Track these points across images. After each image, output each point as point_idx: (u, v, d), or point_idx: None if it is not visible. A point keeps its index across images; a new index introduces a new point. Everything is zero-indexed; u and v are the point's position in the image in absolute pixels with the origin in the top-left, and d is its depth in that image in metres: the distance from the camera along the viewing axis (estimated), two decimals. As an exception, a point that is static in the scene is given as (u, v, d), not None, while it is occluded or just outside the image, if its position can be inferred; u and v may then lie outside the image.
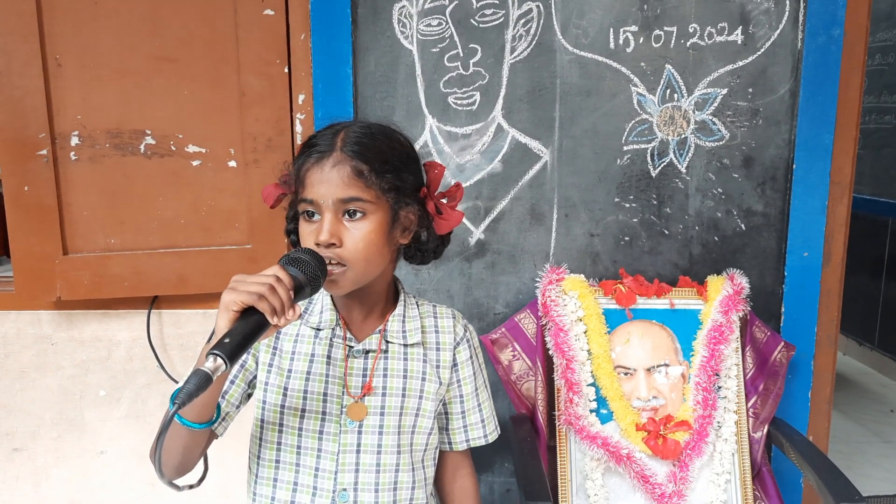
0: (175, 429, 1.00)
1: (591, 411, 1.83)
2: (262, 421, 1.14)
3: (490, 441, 1.27)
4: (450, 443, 1.25)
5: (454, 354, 1.20)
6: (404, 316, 1.17)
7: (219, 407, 1.06)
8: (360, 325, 1.16)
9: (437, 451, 1.23)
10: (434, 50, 1.89)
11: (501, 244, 1.99)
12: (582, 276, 1.92)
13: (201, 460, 1.10)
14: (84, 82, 1.79)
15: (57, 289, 1.84)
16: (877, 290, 4.27)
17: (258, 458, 1.15)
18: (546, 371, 1.87)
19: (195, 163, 1.87)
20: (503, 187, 1.96)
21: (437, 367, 1.18)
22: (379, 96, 1.91)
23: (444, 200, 1.14)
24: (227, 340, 0.89)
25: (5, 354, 1.97)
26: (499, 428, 1.29)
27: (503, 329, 1.94)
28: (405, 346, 1.15)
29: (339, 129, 1.07)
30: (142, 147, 1.84)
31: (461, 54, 1.89)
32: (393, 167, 1.06)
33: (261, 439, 1.14)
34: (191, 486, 1.02)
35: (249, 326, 0.91)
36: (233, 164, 1.88)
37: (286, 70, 1.87)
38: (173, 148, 1.85)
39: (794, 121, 1.93)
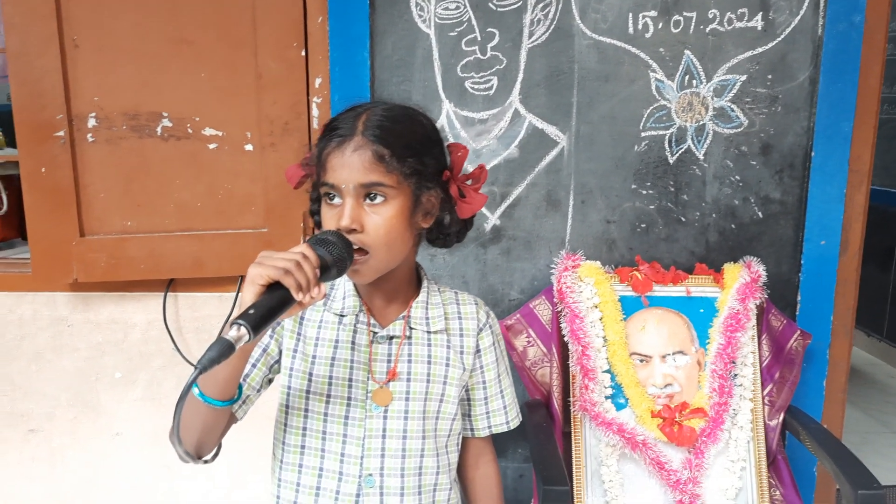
0: (196, 406, 1.00)
1: (607, 398, 1.83)
2: (287, 406, 1.14)
3: (512, 427, 1.26)
4: (472, 429, 1.25)
5: (477, 341, 1.20)
6: (427, 302, 1.17)
7: (240, 387, 1.06)
8: (383, 311, 1.15)
9: (461, 436, 1.23)
10: (452, 34, 1.88)
11: (517, 230, 1.98)
12: (598, 262, 1.91)
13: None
14: (101, 64, 1.78)
15: (73, 271, 1.84)
16: (886, 281, 4.26)
17: (283, 443, 1.15)
18: (561, 357, 1.87)
19: (212, 146, 1.86)
20: (519, 173, 1.95)
21: (461, 353, 1.18)
22: (396, 80, 1.91)
23: (469, 182, 1.13)
24: (251, 311, 0.89)
25: (21, 336, 1.98)
26: (520, 414, 1.29)
27: (518, 315, 1.93)
28: (429, 332, 1.15)
29: (361, 112, 1.06)
30: (158, 129, 1.84)
31: (479, 38, 1.88)
32: (415, 151, 1.05)
33: (286, 425, 1.14)
34: (205, 461, 1.03)
35: (274, 300, 0.91)
36: (249, 147, 1.88)
37: (303, 53, 1.86)
38: (190, 131, 1.85)
39: (814, 108, 1.92)
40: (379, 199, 1.03)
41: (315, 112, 1.90)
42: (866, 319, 4.39)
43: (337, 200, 1.04)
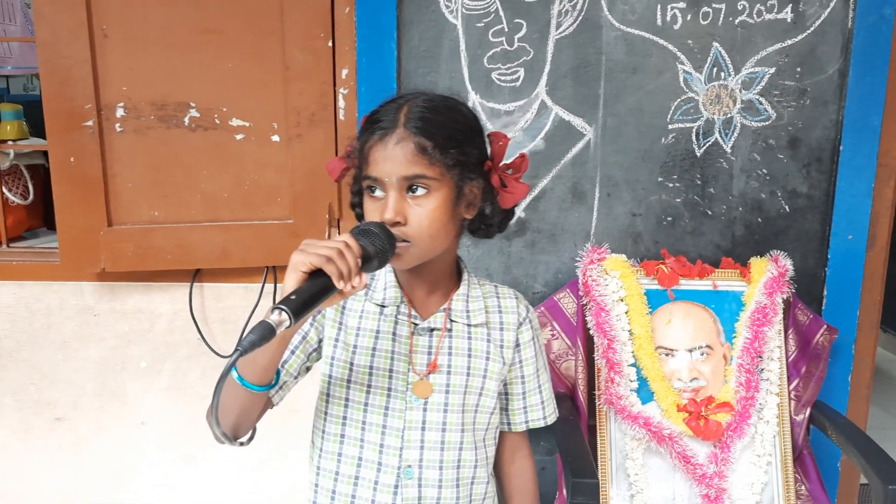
0: (234, 389, 1.01)
1: (632, 391, 1.83)
2: (328, 395, 1.14)
3: (549, 423, 1.26)
4: (509, 423, 1.24)
5: (517, 335, 1.19)
6: (468, 295, 1.16)
7: (278, 373, 1.07)
8: (424, 303, 1.15)
9: (498, 430, 1.23)
10: (479, 25, 1.87)
11: (542, 223, 1.98)
12: (623, 255, 1.91)
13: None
14: (130, 53, 1.79)
15: (101, 260, 1.85)
16: (900, 276, 4.23)
17: (323, 432, 1.15)
18: (586, 351, 1.86)
19: (238, 136, 1.86)
20: (545, 165, 1.94)
21: (501, 347, 1.17)
22: (422, 71, 1.90)
23: (510, 172, 1.13)
24: (293, 297, 0.89)
25: (48, 325, 1.99)
26: (557, 410, 1.28)
27: (542, 308, 1.93)
28: (469, 325, 1.15)
29: (403, 104, 1.06)
30: (186, 120, 1.84)
31: (506, 29, 1.87)
32: (457, 142, 1.04)
33: (326, 413, 1.15)
34: (241, 443, 1.04)
35: (316, 287, 0.91)
36: (276, 138, 1.88)
37: (330, 44, 1.85)
38: (217, 121, 1.85)
39: (843, 101, 1.91)
40: (422, 192, 1.02)
41: (341, 103, 1.89)
42: (884, 316, 4.35)
43: (379, 193, 1.04)
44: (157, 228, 1.87)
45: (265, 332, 0.85)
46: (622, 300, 1.85)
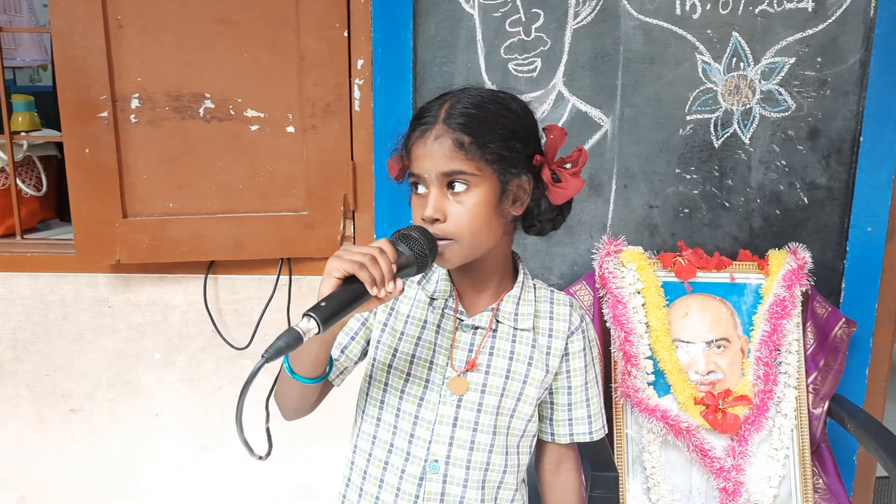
0: (288, 380, 1.06)
1: (649, 384, 1.82)
2: (371, 377, 1.15)
3: (595, 439, 1.22)
4: (553, 434, 1.21)
5: (567, 343, 1.15)
6: (519, 298, 1.13)
7: (331, 362, 1.09)
8: (473, 300, 1.13)
9: (535, 439, 1.20)
10: (496, 14, 1.85)
11: (558, 214, 1.96)
12: (640, 248, 1.89)
13: (266, 435, 1.09)
14: (145, 44, 1.77)
15: (116, 252, 1.84)
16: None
17: (363, 412, 1.17)
18: (603, 343, 1.85)
19: (253, 127, 1.85)
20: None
21: (547, 353, 1.14)
22: (438, 61, 1.88)
23: (568, 166, 1.09)
24: (323, 304, 0.90)
25: (63, 316, 1.99)
26: (606, 426, 1.23)
27: (558, 300, 1.92)
28: (516, 328, 1.13)
29: (447, 100, 1.05)
30: (201, 111, 1.83)
31: (523, 19, 1.85)
32: (499, 136, 1.02)
33: (368, 395, 1.16)
34: (260, 458, 1.02)
35: (348, 294, 0.92)
36: (291, 129, 1.87)
37: (345, 34, 1.84)
38: (232, 112, 1.84)
39: (864, 92, 1.88)
40: (461, 188, 1.01)
41: (357, 94, 1.88)
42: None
43: (422, 190, 1.04)
44: (172, 220, 1.86)
45: (292, 341, 0.86)
46: (639, 292, 1.84)
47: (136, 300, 1.99)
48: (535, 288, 1.17)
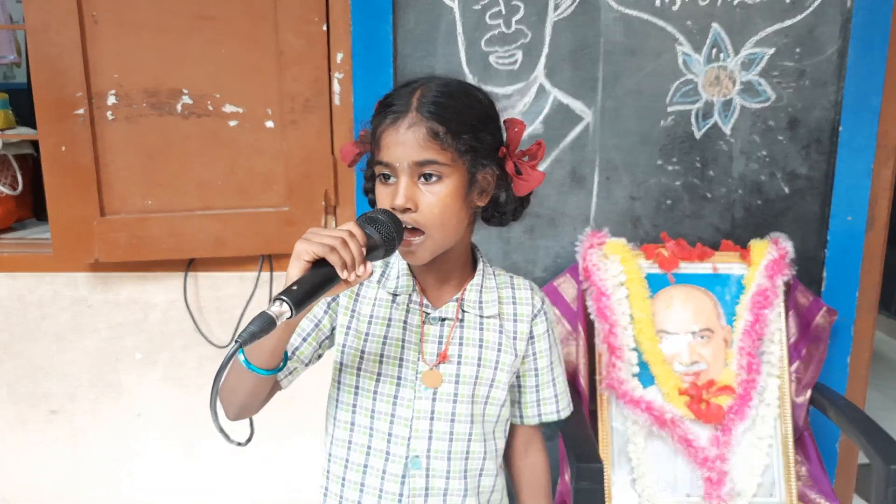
0: (241, 371, 1.01)
1: (634, 376, 1.82)
2: (339, 383, 1.13)
3: (562, 417, 1.23)
4: (521, 416, 1.22)
5: (531, 327, 1.16)
6: (482, 286, 1.14)
7: (286, 356, 1.06)
8: (437, 292, 1.13)
9: (509, 423, 1.21)
10: (476, 7, 1.84)
11: (541, 207, 1.96)
12: (623, 239, 1.89)
13: (248, 421, 1.09)
14: (121, 40, 1.75)
15: (94, 251, 1.82)
16: (894, 258, 4.25)
17: (335, 419, 1.14)
18: (587, 335, 1.86)
19: (232, 123, 1.84)
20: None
21: (514, 338, 1.15)
22: (419, 55, 1.87)
23: (525, 159, 1.10)
24: (294, 288, 0.88)
25: (42, 317, 1.96)
26: (571, 404, 1.26)
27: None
28: (482, 316, 1.13)
29: (416, 87, 1.03)
30: (178, 107, 1.81)
31: (503, 11, 1.85)
32: (470, 127, 1.02)
33: (337, 401, 1.14)
34: (238, 444, 1.01)
35: (319, 277, 0.90)
36: (270, 124, 1.85)
37: (324, 28, 1.82)
38: (210, 108, 1.82)
39: (842, 82, 1.90)
40: (433, 178, 1.00)
41: (336, 88, 1.87)
42: (881, 299, 4.38)
43: (391, 179, 1.02)
44: (151, 218, 1.84)
45: (265, 325, 0.84)
46: (622, 284, 1.84)
47: (115, 299, 1.97)
48: (494, 275, 1.17)
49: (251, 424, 1.10)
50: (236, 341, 0.84)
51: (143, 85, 1.78)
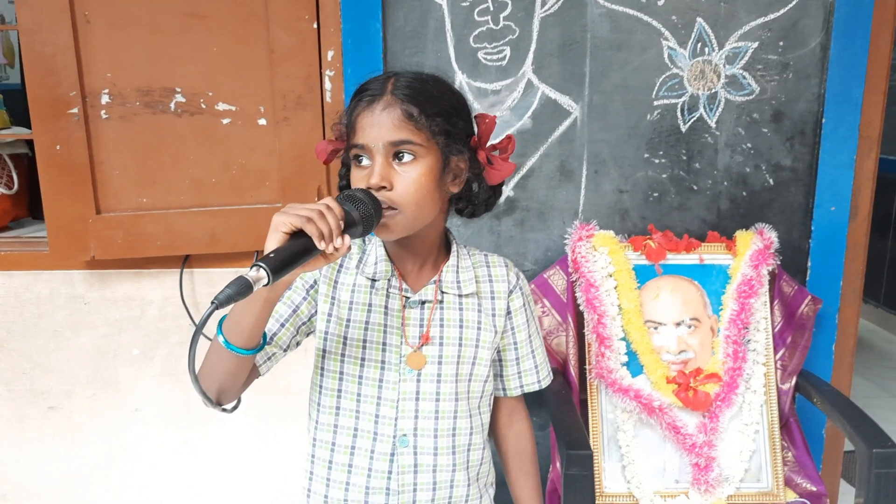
0: (219, 352, 1.02)
1: (622, 365, 1.85)
2: (322, 369, 1.16)
3: (543, 386, 1.29)
4: (504, 389, 1.27)
5: (508, 302, 1.21)
6: (458, 266, 1.18)
7: (265, 337, 1.06)
8: (415, 276, 1.17)
9: (492, 397, 1.26)
10: (464, 4, 1.87)
11: (531, 201, 1.99)
12: (611, 232, 1.93)
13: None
14: (113, 39, 1.77)
15: (90, 248, 1.84)
16: (883, 247, 4.30)
17: (318, 404, 1.17)
18: (577, 326, 1.89)
19: (225, 121, 1.86)
20: (533, 144, 1.96)
21: (493, 315, 1.19)
22: (408, 52, 1.90)
23: (496, 153, 1.14)
24: (272, 255, 0.89)
25: (39, 314, 1.98)
26: (552, 374, 1.31)
27: (532, 285, 1.95)
28: (460, 296, 1.17)
29: (391, 76, 1.08)
30: (172, 105, 1.83)
31: (491, 8, 1.87)
32: (443, 111, 1.06)
33: (321, 386, 1.17)
34: (224, 410, 1.04)
35: (297, 247, 0.92)
36: (263, 122, 1.87)
37: (315, 26, 1.85)
38: (203, 106, 1.84)
39: (825, 74, 1.93)
40: (408, 158, 1.04)
41: (328, 85, 1.89)
42: (865, 286, 4.43)
43: (366, 162, 1.06)
44: (146, 215, 1.86)
45: (241, 287, 0.85)
46: (611, 276, 1.88)
47: (112, 296, 1.99)
48: (469, 254, 1.21)
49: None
50: (213, 303, 0.84)
51: (136, 84, 1.80)
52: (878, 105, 1.93)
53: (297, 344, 1.18)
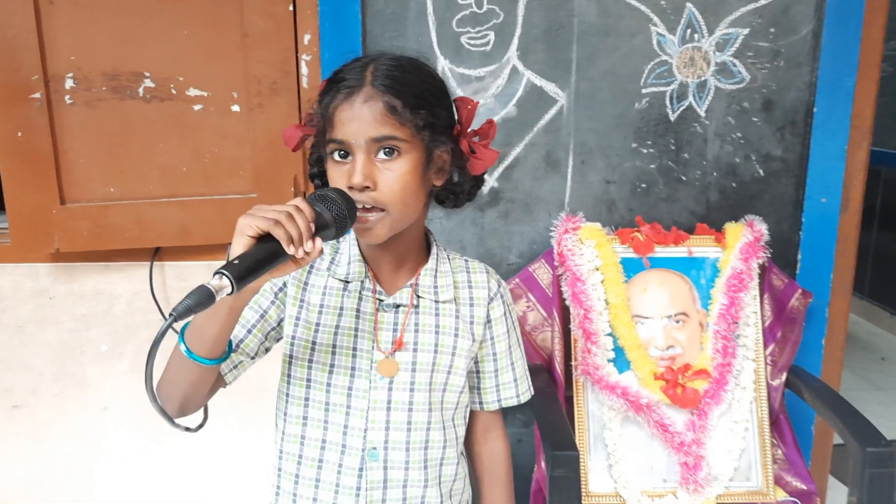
0: (182, 362, 0.94)
1: (609, 361, 1.80)
2: (289, 376, 1.09)
3: (522, 401, 1.21)
4: (481, 402, 1.19)
5: (488, 310, 1.14)
6: (436, 270, 1.11)
7: (230, 346, 0.99)
8: (391, 278, 1.09)
9: (468, 409, 1.18)
10: (446, -13, 1.80)
11: (515, 192, 1.93)
12: (598, 224, 1.87)
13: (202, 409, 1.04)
14: (78, 21, 1.69)
15: (55, 240, 1.76)
16: (867, 239, 4.29)
17: (285, 414, 1.10)
18: (563, 321, 1.83)
19: (196, 107, 1.78)
20: (518, 133, 1.89)
21: (471, 323, 1.12)
22: (388, 35, 1.83)
23: (477, 139, 1.07)
24: (236, 262, 0.82)
25: (2, 309, 1.90)
26: (532, 388, 1.23)
27: (517, 279, 1.90)
28: (437, 301, 1.09)
29: (368, 62, 0.99)
30: (140, 90, 1.75)
31: (475, -8, 1.81)
32: (426, 102, 0.99)
33: (287, 395, 1.09)
34: (187, 429, 0.96)
35: (263, 252, 0.85)
36: (236, 108, 1.80)
37: (291, 8, 1.77)
38: (174, 91, 1.76)
39: (816, 62, 1.88)
40: (391, 154, 0.97)
41: (304, 70, 1.82)
42: (855, 281, 4.43)
43: (344, 157, 0.98)
44: (114, 205, 1.78)
45: (202, 298, 0.78)
46: (597, 269, 1.82)
47: (79, 290, 1.91)
48: (449, 259, 1.14)
49: (205, 411, 1.04)
50: (171, 315, 0.78)
51: (102, 68, 1.72)
52: (870, 94, 1.89)
53: (267, 350, 1.11)
